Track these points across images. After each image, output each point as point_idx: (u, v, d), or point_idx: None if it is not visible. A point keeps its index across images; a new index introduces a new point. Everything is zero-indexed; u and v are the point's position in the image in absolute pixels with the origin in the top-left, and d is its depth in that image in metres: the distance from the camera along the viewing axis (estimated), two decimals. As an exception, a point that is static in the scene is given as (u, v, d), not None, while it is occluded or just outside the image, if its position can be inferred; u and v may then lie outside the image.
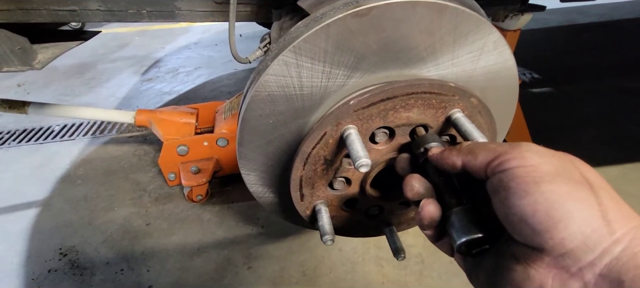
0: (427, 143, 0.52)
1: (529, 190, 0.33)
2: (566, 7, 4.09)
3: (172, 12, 1.25)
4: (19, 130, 2.54)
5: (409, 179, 0.48)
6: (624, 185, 1.78)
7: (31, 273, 1.52)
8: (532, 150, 0.37)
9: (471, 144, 0.44)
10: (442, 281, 1.41)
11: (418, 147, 0.53)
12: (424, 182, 0.48)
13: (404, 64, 0.59)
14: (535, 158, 0.36)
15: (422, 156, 0.51)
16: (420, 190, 0.47)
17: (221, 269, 1.49)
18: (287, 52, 0.56)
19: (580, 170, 0.35)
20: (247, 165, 0.67)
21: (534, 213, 0.32)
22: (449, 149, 0.46)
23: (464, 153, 0.43)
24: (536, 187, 0.33)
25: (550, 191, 0.32)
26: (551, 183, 0.33)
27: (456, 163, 0.43)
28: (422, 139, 0.53)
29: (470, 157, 0.41)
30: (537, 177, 0.34)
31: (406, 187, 0.48)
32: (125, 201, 1.85)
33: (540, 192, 0.33)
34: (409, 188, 0.48)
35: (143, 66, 3.60)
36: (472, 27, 0.58)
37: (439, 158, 0.46)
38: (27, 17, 1.11)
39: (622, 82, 2.65)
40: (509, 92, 0.69)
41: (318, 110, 0.61)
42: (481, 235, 0.40)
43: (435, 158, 0.47)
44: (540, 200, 0.32)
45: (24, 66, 1.11)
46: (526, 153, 0.36)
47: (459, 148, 0.44)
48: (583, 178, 0.34)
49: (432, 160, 0.48)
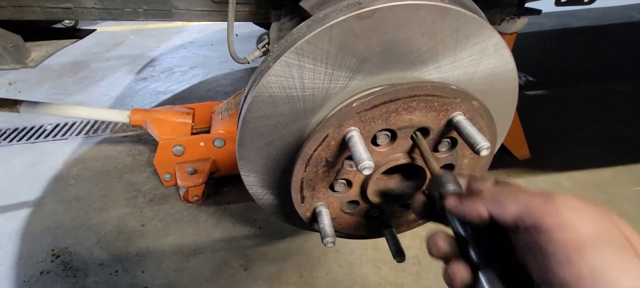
0: (444, 186, 0.47)
1: (571, 257, 0.31)
2: (560, 12, 4.14)
3: (169, 11, 1.23)
4: (10, 129, 2.49)
5: (433, 238, 0.44)
6: (615, 187, 1.80)
7: (22, 275, 1.49)
8: (568, 205, 0.34)
9: (495, 190, 0.41)
10: (438, 283, 1.41)
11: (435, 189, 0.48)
12: (449, 240, 0.44)
13: (406, 66, 0.60)
14: (573, 217, 0.33)
15: (439, 202, 0.47)
16: (447, 249, 0.43)
17: (217, 270, 1.48)
18: (290, 53, 0.55)
19: (622, 230, 0.33)
20: (247, 166, 0.66)
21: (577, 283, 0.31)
22: (470, 198, 0.42)
23: (490, 202, 0.39)
24: (579, 255, 0.31)
25: (595, 259, 0.31)
26: (594, 249, 0.31)
27: (482, 214, 0.40)
28: (438, 181, 0.48)
29: (497, 207, 0.38)
30: (578, 243, 0.32)
31: (431, 245, 0.44)
32: (119, 201, 1.83)
33: (584, 260, 0.31)
34: (433, 247, 0.44)
35: (138, 65, 3.56)
36: (474, 30, 0.59)
37: (462, 209, 0.42)
38: (21, 14, 1.09)
39: (614, 85, 2.70)
40: (509, 95, 0.69)
41: (319, 112, 0.60)
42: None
43: (456, 210, 0.43)
44: (585, 270, 0.30)
45: (17, 64, 1.09)
46: (563, 210, 0.34)
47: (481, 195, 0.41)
48: (627, 242, 0.32)
49: (452, 212, 0.44)
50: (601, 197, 1.75)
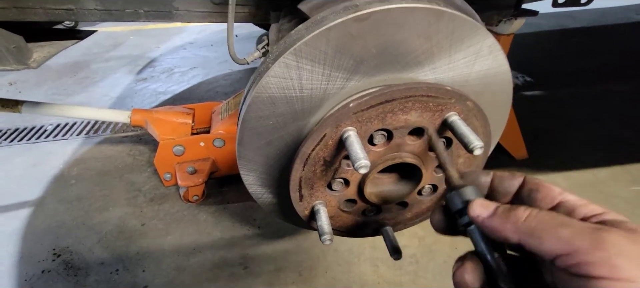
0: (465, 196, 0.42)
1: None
2: (557, 13, 4.16)
3: (169, 12, 1.25)
4: (11, 129, 2.50)
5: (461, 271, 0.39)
6: (612, 187, 1.82)
7: (24, 274, 1.50)
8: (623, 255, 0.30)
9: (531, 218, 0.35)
10: (436, 281, 1.42)
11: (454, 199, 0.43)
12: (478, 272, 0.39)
13: (402, 67, 0.61)
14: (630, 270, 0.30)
15: (460, 215, 0.42)
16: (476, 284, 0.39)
17: (217, 269, 1.49)
18: (288, 55, 0.57)
19: None
20: (247, 165, 0.67)
21: None
22: (500, 216, 0.37)
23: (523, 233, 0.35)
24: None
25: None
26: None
27: (510, 238, 0.36)
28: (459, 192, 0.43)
29: (533, 241, 0.34)
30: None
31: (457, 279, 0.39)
32: (120, 201, 1.84)
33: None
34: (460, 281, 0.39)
35: (138, 66, 3.57)
36: (468, 32, 0.60)
37: (488, 227, 0.38)
38: (23, 15, 1.10)
39: (611, 86, 2.72)
40: (503, 96, 0.71)
41: (317, 113, 0.62)
42: None
43: (483, 225, 0.39)
44: None
45: (20, 65, 1.10)
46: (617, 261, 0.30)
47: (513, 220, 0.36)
48: None
49: (478, 226, 0.40)
50: (598, 196, 1.77)
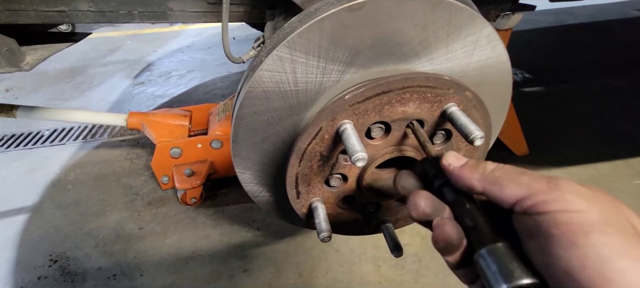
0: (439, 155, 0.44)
1: (577, 241, 0.30)
2: (555, 9, 4.17)
3: (163, 13, 1.24)
4: (7, 135, 2.49)
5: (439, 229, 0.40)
6: (614, 181, 1.80)
7: (20, 280, 1.48)
8: (575, 192, 0.33)
9: (496, 169, 0.39)
10: (438, 279, 1.41)
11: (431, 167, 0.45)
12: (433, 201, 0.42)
13: (398, 58, 0.59)
14: (580, 203, 0.32)
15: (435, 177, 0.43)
16: (427, 210, 0.41)
17: (216, 272, 1.47)
18: (281, 47, 0.55)
19: (629, 219, 0.32)
20: (242, 163, 0.66)
21: (582, 268, 0.29)
22: (469, 167, 0.40)
23: (487, 181, 0.38)
24: (585, 239, 0.30)
25: (601, 244, 0.29)
26: (601, 234, 0.30)
27: (475, 186, 0.39)
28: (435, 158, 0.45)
29: (495, 188, 0.37)
30: (585, 227, 0.30)
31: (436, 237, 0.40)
32: (117, 205, 1.82)
33: (590, 245, 0.30)
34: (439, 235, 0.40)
35: (135, 70, 3.56)
36: (466, 21, 0.58)
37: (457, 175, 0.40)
38: (15, 18, 1.09)
39: (610, 81, 2.71)
40: (503, 87, 0.69)
41: (313, 107, 0.60)
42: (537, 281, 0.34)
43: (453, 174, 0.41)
44: (591, 254, 0.29)
45: (12, 68, 1.09)
46: (569, 196, 0.32)
47: (481, 170, 0.39)
48: (634, 230, 0.31)
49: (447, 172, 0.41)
50: (600, 191, 1.75)
